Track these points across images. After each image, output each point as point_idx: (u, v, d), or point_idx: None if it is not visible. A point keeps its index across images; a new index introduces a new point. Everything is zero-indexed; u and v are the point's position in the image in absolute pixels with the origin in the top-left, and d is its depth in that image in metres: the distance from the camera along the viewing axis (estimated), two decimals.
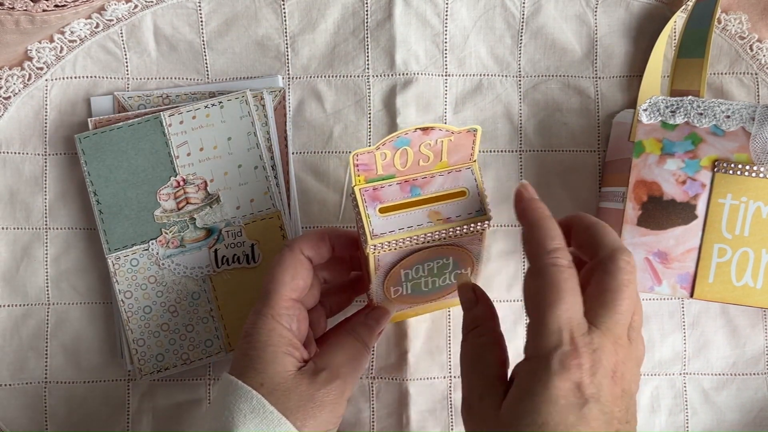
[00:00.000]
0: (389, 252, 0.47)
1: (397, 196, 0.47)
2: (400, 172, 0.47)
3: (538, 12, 0.59)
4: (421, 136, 0.46)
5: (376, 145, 0.45)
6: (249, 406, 0.45)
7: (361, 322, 0.51)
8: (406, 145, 0.46)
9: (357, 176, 0.47)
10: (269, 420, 0.44)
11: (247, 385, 0.46)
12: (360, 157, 0.46)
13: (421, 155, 0.47)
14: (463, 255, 0.49)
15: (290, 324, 0.48)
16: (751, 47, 0.58)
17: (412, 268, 0.49)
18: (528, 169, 0.59)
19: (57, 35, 0.58)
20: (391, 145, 0.46)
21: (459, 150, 0.48)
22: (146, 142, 0.56)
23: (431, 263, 0.49)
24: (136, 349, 0.56)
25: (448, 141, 0.46)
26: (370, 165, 0.46)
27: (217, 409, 0.46)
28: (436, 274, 0.50)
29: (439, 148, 0.47)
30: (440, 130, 0.46)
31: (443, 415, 0.59)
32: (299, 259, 0.49)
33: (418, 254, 0.48)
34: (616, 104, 0.59)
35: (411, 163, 0.47)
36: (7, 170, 0.58)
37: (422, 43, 0.59)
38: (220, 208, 0.56)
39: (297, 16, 0.59)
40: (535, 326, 0.41)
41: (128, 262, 0.56)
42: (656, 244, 0.51)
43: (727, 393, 0.59)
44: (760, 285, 0.50)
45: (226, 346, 0.57)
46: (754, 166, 0.50)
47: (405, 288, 0.51)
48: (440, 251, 0.48)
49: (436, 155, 0.47)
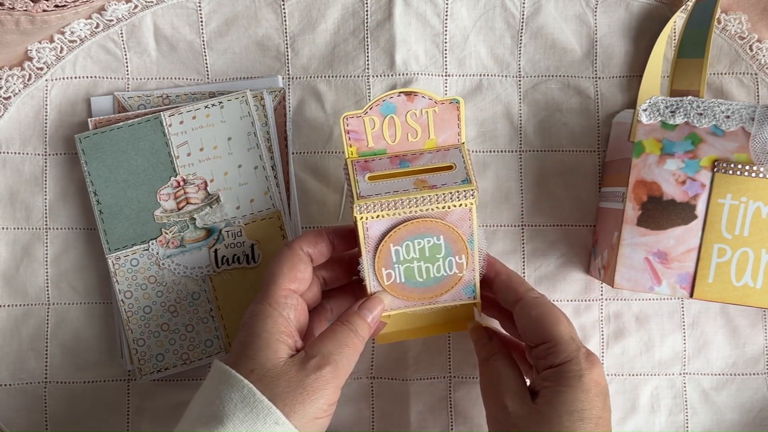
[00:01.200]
0: (377, 220, 0.48)
1: (386, 167, 0.50)
2: (391, 147, 0.50)
3: (538, 12, 0.59)
4: (405, 102, 0.49)
5: (364, 108, 0.49)
6: (239, 396, 0.45)
7: (354, 312, 0.50)
8: (393, 113, 0.49)
9: (349, 147, 0.50)
10: (258, 409, 0.44)
11: (239, 374, 0.46)
12: (350, 122, 0.49)
13: (409, 128, 0.50)
14: (453, 236, 0.49)
15: (287, 312, 0.48)
16: (751, 47, 0.58)
17: (401, 244, 0.49)
18: (528, 169, 0.59)
19: (57, 35, 0.58)
20: (377, 110, 0.49)
21: (445, 125, 0.50)
22: (146, 142, 0.56)
23: (421, 241, 0.49)
24: (136, 349, 0.56)
25: (433, 112, 0.50)
26: (360, 133, 0.49)
27: (207, 396, 0.47)
28: (428, 257, 0.50)
29: (425, 120, 0.49)
30: (423, 96, 0.50)
31: (443, 415, 0.59)
32: (297, 253, 0.50)
33: (406, 227, 0.49)
34: (616, 104, 0.59)
35: (400, 137, 0.50)
36: (7, 170, 0.58)
37: (422, 43, 0.59)
38: (220, 208, 0.56)
39: (297, 16, 0.59)
40: (550, 342, 0.48)
41: (128, 262, 0.56)
42: (656, 244, 0.51)
43: (727, 393, 0.59)
44: (759, 285, 0.50)
45: (226, 346, 0.57)
46: (753, 166, 0.50)
47: (398, 273, 0.50)
48: (429, 226, 0.49)
49: (423, 129, 0.50)
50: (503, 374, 0.50)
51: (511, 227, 0.59)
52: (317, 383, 0.46)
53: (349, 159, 0.50)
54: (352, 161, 0.50)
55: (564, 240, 0.59)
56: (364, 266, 0.50)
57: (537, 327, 0.49)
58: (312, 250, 0.51)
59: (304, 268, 0.50)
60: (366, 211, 0.48)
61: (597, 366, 0.48)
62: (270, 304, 0.48)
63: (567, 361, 0.47)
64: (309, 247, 0.50)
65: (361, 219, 0.48)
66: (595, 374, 0.47)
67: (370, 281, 0.51)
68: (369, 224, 0.49)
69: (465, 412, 0.59)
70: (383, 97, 0.50)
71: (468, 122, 0.59)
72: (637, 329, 0.59)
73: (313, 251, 0.51)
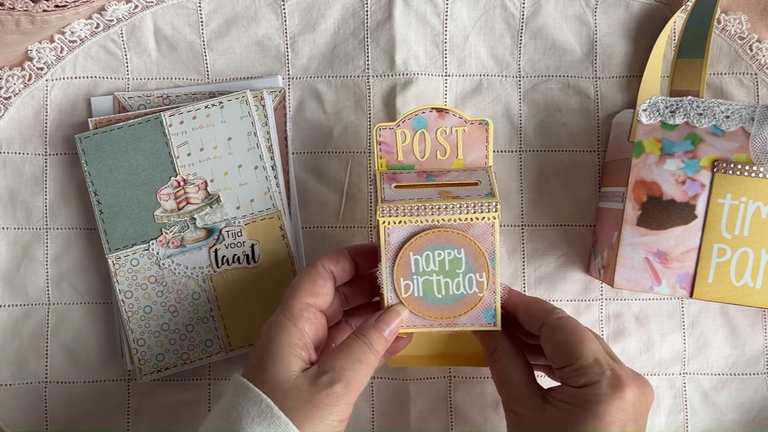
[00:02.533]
0: (398, 226, 0.48)
1: (414, 180, 0.51)
2: (419, 163, 0.51)
3: (538, 12, 0.59)
4: (436, 118, 0.50)
5: (397, 121, 0.50)
6: (257, 410, 0.45)
7: (370, 325, 0.49)
8: (424, 128, 0.51)
9: (380, 158, 0.51)
10: (276, 425, 0.44)
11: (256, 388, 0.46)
12: (382, 133, 0.50)
13: (438, 145, 0.50)
14: (474, 251, 0.49)
15: (302, 325, 0.48)
16: (751, 47, 0.58)
17: (422, 254, 0.49)
18: (528, 169, 0.59)
19: (57, 35, 0.58)
20: (409, 124, 0.50)
21: (474, 146, 0.51)
22: (146, 142, 0.56)
23: (442, 252, 0.49)
24: (136, 348, 0.56)
25: (463, 132, 0.50)
26: (391, 146, 0.51)
27: (225, 409, 0.47)
28: (448, 271, 0.49)
29: (454, 139, 0.50)
30: (454, 114, 0.51)
31: (443, 415, 0.59)
32: (318, 269, 0.50)
33: (428, 236, 0.48)
34: (616, 104, 0.59)
35: (429, 154, 0.50)
36: (8, 170, 0.58)
37: (422, 43, 0.59)
38: (220, 208, 0.56)
39: (297, 16, 0.59)
40: (573, 365, 0.47)
41: (128, 262, 0.56)
42: (656, 244, 0.51)
43: (727, 393, 0.59)
44: (759, 285, 0.50)
45: (226, 346, 0.57)
46: (753, 166, 0.50)
47: (416, 285, 0.49)
48: (450, 237, 0.48)
49: (452, 148, 0.51)
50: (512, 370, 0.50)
51: (511, 227, 0.59)
52: (328, 399, 0.45)
53: (378, 170, 0.51)
54: (381, 173, 0.51)
55: (564, 240, 0.59)
56: (382, 274, 0.49)
57: (560, 350, 0.48)
58: (334, 268, 0.50)
59: (324, 283, 0.50)
60: (388, 214, 0.48)
61: (622, 391, 0.45)
62: (285, 315, 0.48)
63: (587, 385, 0.46)
64: (331, 265, 0.50)
65: (383, 223, 0.48)
66: (620, 399, 0.45)
67: (387, 292, 0.50)
68: (390, 230, 0.48)
69: (465, 412, 0.59)
70: (416, 111, 0.51)
71: None
72: (636, 329, 0.59)
73: (335, 269, 0.50)
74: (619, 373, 0.46)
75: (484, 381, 0.58)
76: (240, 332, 0.57)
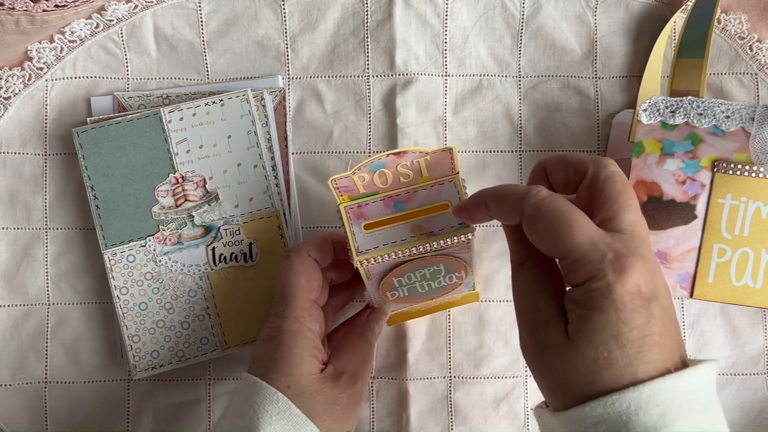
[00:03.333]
0: (377, 265, 0.48)
1: (381, 212, 0.49)
2: (383, 189, 0.49)
3: (538, 12, 0.59)
4: (395, 159, 0.47)
5: (352, 170, 0.47)
6: (275, 408, 0.45)
7: (365, 324, 0.52)
8: (383, 168, 0.48)
9: (340, 196, 0.49)
10: (295, 422, 0.45)
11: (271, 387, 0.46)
12: (339, 182, 0.48)
13: (400, 174, 0.48)
14: (454, 262, 0.49)
15: (312, 325, 0.49)
16: (751, 47, 0.58)
17: (403, 276, 0.50)
18: (528, 169, 0.59)
19: (57, 35, 0.58)
20: (366, 169, 0.47)
21: (439, 166, 0.49)
22: (145, 138, 0.56)
23: (423, 270, 0.50)
24: (131, 345, 0.56)
25: (425, 160, 0.48)
26: (351, 187, 0.48)
27: (240, 409, 0.47)
28: (429, 278, 0.51)
29: (417, 167, 0.48)
30: (413, 152, 0.47)
31: (443, 415, 0.58)
32: (309, 261, 0.50)
33: (407, 265, 0.49)
34: (616, 104, 0.59)
35: (392, 181, 0.49)
36: (8, 170, 0.58)
37: (422, 43, 0.59)
38: (218, 206, 0.56)
39: (297, 16, 0.59)
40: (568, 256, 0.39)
41: (125, 258, 0.56)
42: (656, 244, 0.50)
43: (727, 393, 0.59)
44: (759, 285, 0.50)
45: (221, 344, 0.57)
46: (753, 166, 0.50)
47: (401, 292, 0.52)
48: (430, 261, 0.49)
49: (415, 173, 0.49)
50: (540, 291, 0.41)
51: None
52: (351, 400, 0.48)
53: (341, 205, 0.49)
54: (345, 207, 0.48)
55: None
56: (369, 292, 0.52)
57: (548, 243, 0.40)
58: (318, 255, 0.51)
59: (317, 276, 0.50)
60: (366, 263, 0.48)
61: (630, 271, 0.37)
62: (297, 319, 0.48)
63: (591, 278, 0.38)
64: (316, 253, 0.51)
65: (362, 266, 0.48)
66: (629, 283, 0.37)
67: (374, 300, 0.53)
68: (370, 268, 0.49)
69: (465, 412, 0.59)
70: (372, 159, 0.47)
71: (468, 122, 0.59)
72: None
73: (319, 257, 0.51)
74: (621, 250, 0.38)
75: (484, 381, 0.58)
76: (236, 330, 0.56)
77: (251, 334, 0.56)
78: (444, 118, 0.59)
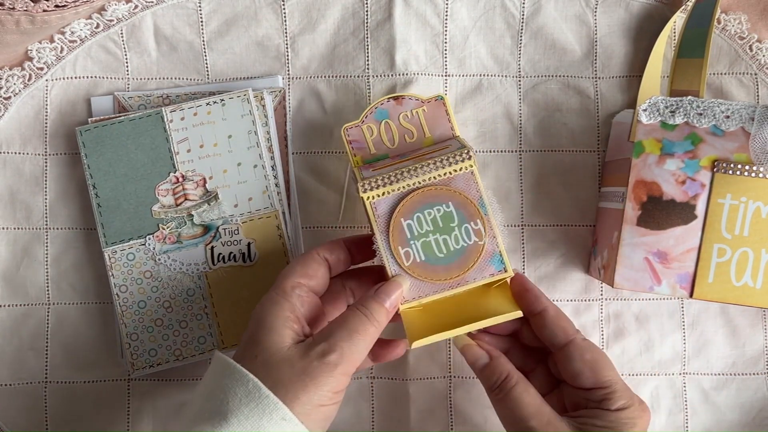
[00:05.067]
0: (383, 198, 0.49)
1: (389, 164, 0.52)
2: (392, 151, 0.53)
3: (538, 12, 0.59)
4: (395, 106, 0.53)
5: (360, 118, 0.53)
6: (244, 390, 0.44)
7: (370, 296, 0.48)
8: (386, 118, 0.53)
9: (354, 156, 0.53)
10: (264, 404, 0.43)
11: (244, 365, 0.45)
12: (350, 132, 0.53)
13: (404, 129, 0.53)
14: (462, 200, 0.50)
15: (294, 301, 0.48)
16: (751, 47, 0.58)
17: (412, 216, 0.49)
18: (528, 169, 0.59)
19: (57, 35, 0.58)
20: (372, 118, 0.53)
21: (437, 122, 0.53)
22: (147, 137, 0.56)
23: (431, 211, 0.49)
24: (129, 343, 0.56)
25: (423, 112, 0.53)
26: (361, 141, 0.53)
27: (210, 390, 0.46)
28: (442, 228, 0.49)
29: (417, 120, 0.53)
30: (410, 98, 0.54)
31: (443, 415, 0.58)
32: (312, 255, 0.50)
33: (413, 199, 0.49)
34: (616, 104, 0.59)
35: (398, 140, 0.53)
36: (8, 170, 0.58)
37: (422, 43, 0.59)
38: (218, 205, 0.56)
39: (297, 16, 0.59)
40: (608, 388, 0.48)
41: (124, 257, 0.56)
42: (656, 244, 0.50)
43: (727, 393, 0.59)
44: (759, 285, 0.50)
45: (218, 344, 0.57)
46: (753, 166, 0.50)
47: (415, 250, 0.49)
48: (435, 194, 0.49)
49: (417, 129, 0.53)
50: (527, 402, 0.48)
51: (511, 227, 0.59)
52: (320, 370, 0.44)
53: (355, 168, 0.53)
54: (359, 168, 0.53)
55: (564, 240, 0.59)
56: (379, 247, 0.50)
57: (593, 371, 0.49)
58: (329, 256, 0.51)
59: (317, 267, 0.50)
60: (370, 188, 0.49)
61: (647, 414, 0.49)
62: (277, 292, 0.48)
63: (623, 408, 0.48)
64: (325, 253, 0.51)
65: (367, 199, 0.49)
66: (645, 422, 0.48)
67: (389, 264, 0.50)
68: (376, 203, 0.50)
69: (465, 412, 0.59)
70: (375, 105, 0.53)
71: (468, 122, 0.59)
72: (637, 329, 0.59)
73: (329, 257, 0.51)
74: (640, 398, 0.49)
75: None
76: (233, 330, 0.57)
77: None
78: None
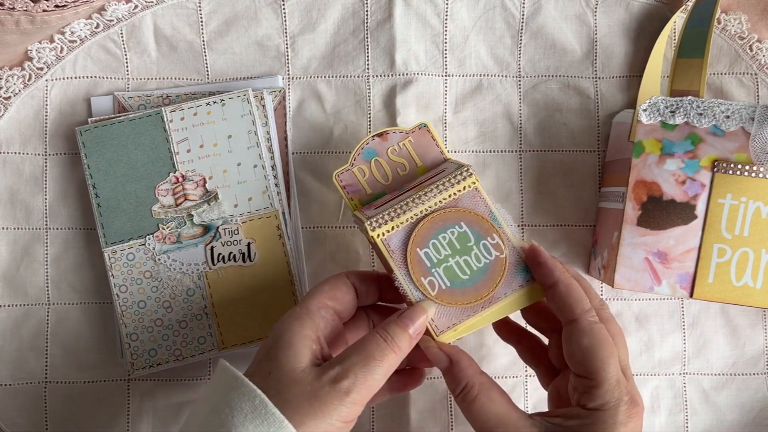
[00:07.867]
0: (393, 232, 0.48)
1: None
2: (388, 187, 0.52)
3: (538, 12, 0.59)
4: (381, 142, 0.53)
5: (349, 162, 0.52)
6: (250, 406, 0.42)
7: (392, 321, 0.46)
8: (375, 156, 0.53)
9: (351, 200, 0.52)
10: (270, 422, 0.41)
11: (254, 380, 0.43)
12: (342, 177, 0.53)
13: (395, 163, 0.52)
14: (473, 218, 0.48)
15: (318, 321, 0.46)
16: (751, 47, 0.58)
17: (428, 244, 0.48)
18: (528, 170, 0.59)
19: (57, 35, 0.58)
20: (360, 159, 0.52)
21: (426, 149, 0.53)
22: (147, 137, 0.56)
23: (445, 235, 0.48)
24: (129, 343, 0.56)
25: (409, 142, 0.52)
26: (355, 184, 0.52)
27: (216, 404, 0.44)
28: (460, 249, 0.48)
29: (405, 151, 0.52)
30: (394, 132, 0.53)
31: (443, 415, 0.58)
32: (342, 278, 0.50)
33: (424, 226, 0.48)
34: (616, 104, 0.59)
35: (391, 174, 0.52)
36: (7, 170, 0.58)
37: (422, 43, 0.59)
38: (218, 205, 0.56)
39: (297, 16, 0.59)
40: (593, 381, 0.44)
41: (124, 257, 0.56)
42: (656, 244, 0.50)
43: (727, 393, 0.59)
44: (759, 285, 0.50)
45: (218, 344, 0.57)
46: (753, 166, 0.50)
47: (438, 278, 0.48)
48: (445, 217, 0.48)
49: (408, 160, 0.52)
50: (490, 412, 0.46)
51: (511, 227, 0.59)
52: (330, 396, 0.42)
53: (354, 212, 0.52)
54: (360, 210, 0.52)
55: (564, 240, 0.59)
56: (401, 283, 0.48)
57: (584, 359, 0.45)
58: (358, 284, 0.50)
59: (346, 290, 0.49)
60: (378, 225, 0.48)
61: (636, 419, 0.44)
62: (302, 309, 0.47)
63: (604, 409, 0.44)
64: (356, 279, 0.50)
65: (378, 237, 0.48)
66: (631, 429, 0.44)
67: (414, 298, 0.48)
68: (388, 239, 0.48)
69: None
70: (360, 146, 0.53)
71: (468, 122, 0.59)
72: (637, 329, 0.59)
73: (359, 285, 0.50)
74: (635, 397, 0.45)
75: None
76: (233, 330, 0.56)
77: (248, 334, 0.56)
78: (444, 118, 0.59)
